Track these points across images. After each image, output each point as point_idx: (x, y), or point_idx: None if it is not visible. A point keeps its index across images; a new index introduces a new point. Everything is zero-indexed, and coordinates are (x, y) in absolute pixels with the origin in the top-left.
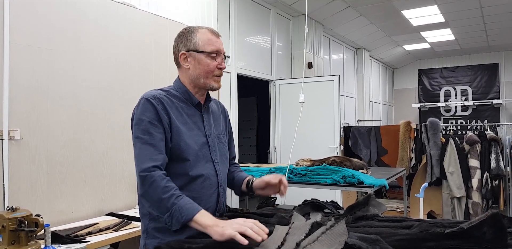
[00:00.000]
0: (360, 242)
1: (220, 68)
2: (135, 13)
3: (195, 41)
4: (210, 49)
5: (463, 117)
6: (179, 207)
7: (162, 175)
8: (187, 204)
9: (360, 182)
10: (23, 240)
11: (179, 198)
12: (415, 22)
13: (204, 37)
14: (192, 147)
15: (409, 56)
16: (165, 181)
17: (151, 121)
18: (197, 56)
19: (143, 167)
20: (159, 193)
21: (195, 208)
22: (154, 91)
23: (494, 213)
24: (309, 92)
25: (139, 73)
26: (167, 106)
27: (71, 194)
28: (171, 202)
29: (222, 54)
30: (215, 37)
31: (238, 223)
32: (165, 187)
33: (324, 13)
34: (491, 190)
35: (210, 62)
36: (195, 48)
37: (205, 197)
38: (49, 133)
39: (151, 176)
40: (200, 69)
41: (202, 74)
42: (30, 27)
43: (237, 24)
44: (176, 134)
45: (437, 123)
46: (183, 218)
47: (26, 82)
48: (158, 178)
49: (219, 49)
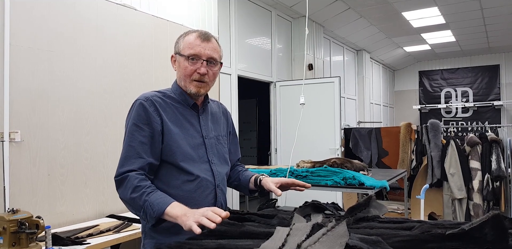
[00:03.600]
0: (361, 243)
1: (199, 73)
2: (136, 15)
3: (180, 44)
4: (188, 53)
5: (463, 118)
6: (150, 203)
7: (135, 175)
8: (158, 199)
9: (361, 184)
10: (24, 242)
11: (150, 194)
12: (416, 23)
13: (188, 40)
14: (185, 147)
15: (409, 57)
16: (137, 180)
17: (137, 124)
18: (179, 59)
19: (119, 171)
20: (130, 193)
21: (166, 202)
22: (148, 93)
23: (496, 214)
24: (309, 94)
25: (140, 75)
26: (160, 108)
27: (72, 196)
28: (142, 199)
29: (202, 59)
30: (200, 41)
31: (198, 212)
32: (136, 187)
33: (325, 15)
34: (492, 192)
35: (187, 66)
36: (178, 51)
37: (201, 198)
38: (50, 135)
39: (124, 178)
40: (180, 72)
41: (182, 77)
42: (30, 30)
43: (237, 26)
44: (168, 135)
45: (438, 124)
46: (155, 213)
47: (27, 84)
48: (131, 178)
49: (197, 53)
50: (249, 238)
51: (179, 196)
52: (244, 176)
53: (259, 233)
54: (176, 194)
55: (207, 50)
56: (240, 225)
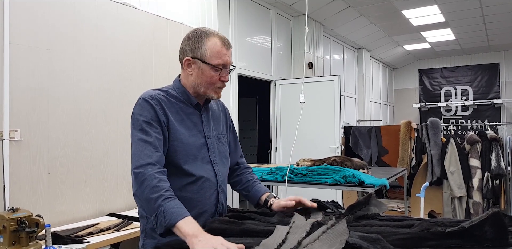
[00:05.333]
0: (361, 241)
1: (223, 81)
2: (135, 14)
3: (203, 50)
4: (216, 63)
5: (463, 117)
6: (164, 210)
7: (155, 174)
8: (173, 208)
9: (360, 182)
10: (24, 240)
11: (166, 200)
12: (416, 22)
13: (214, 48)
14: (189, 148)
15: (409, 56)
16: (157, 180)
17: (148, 121)
18: (202, 66)
19: (138, 164)
20: (148, 193)
21: (181, 214)
22: (152, 92)
23: (496, 211)
24: (309, 92)
25: (139, 74)
26: (165, 107)
27: (72, 195)
28: (158, 204)
29: (227, 68)
30: (225, 49)
31: (213, 243)
32: (155, 187)
33: (325, 13)
34: (491, 190)
35: (214, 75)
36: (201, 58)
37: (204, 199)
38: (50, 134)
39: (143, 174)
40: (202, 79)
41: (203, 84)
42: (30, 28)
43: (237, 24)
44: (174, 134)
45: (438, 123)
46: (166, 222)
47: (26, 83)
48: (150, 176)
49: (226, 63)
50: (249, 236)
51: (182, 197)
52: (255, 190)
53: (259, 231)
54: (178, 195)
55: (229, 58)
56: (240, 223)
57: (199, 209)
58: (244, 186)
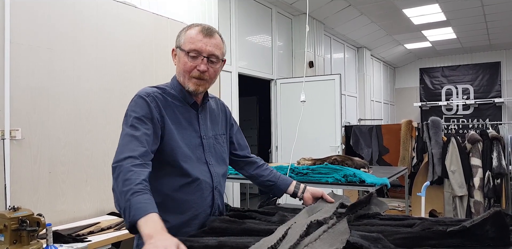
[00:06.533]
0: (362, 240)
1: (199, 71)
2: (136, 13)
3: (181, 37)
4: (188, 48)
5: (464, 116)
6: (130, 205)
7: (131, 166)
8: (139, 203)
9: (361, 181)
10: (25, 239)
11: (135, 195)
12: (416, 21)
13: (190, 34)
14: (184, 148)
15: (410, 55)
16: (131, 173)
17: (139, 117)
18: (179, 53)
19: (118, 158)
20: (121, 186)
21: (145, 210)
22: (149, 89)
23: (497, 211)
24: (310, 91)
25: (140, 73)
26: (161, 105)
27: (73, 194)
28: (126, 198)
29: (203, 56)
30: (202, 36)
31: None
32: (126, 180)
33: (325, 12)
34: (493, 189)
35: (187, 62)
36: (179, 45)
37: (199, 200)
38: (50, 133)
39: (120, 167)
40: (179, 68)
41: (181, 72)
42: (31, 27)
43: (237, 23)
44: (168, 134)
45: (439, 122)
46: (130, 218)
47: (27, 82)
48: (125, 169)
49: (198, 49)
50: (250, 235)
51: (177, 198)
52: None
53: (260, 230)
54: (174, 196)
55: (208, 46)
56: (241, 222)
57: (194, 210)
58: (269, 176)
